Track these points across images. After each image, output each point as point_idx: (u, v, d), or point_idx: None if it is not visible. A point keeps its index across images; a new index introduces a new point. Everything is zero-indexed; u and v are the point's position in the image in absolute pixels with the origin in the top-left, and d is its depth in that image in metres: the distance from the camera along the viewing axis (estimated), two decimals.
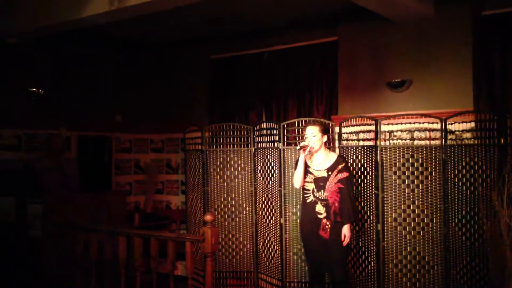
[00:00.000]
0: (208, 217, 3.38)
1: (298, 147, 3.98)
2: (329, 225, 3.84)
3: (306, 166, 3.98)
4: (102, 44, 6.74)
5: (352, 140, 4.58)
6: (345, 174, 3.87)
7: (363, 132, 4.50)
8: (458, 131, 4.25)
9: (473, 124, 4.31)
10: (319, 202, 3.88)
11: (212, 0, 4.36)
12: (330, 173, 3.88)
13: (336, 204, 3.84)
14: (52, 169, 5.69)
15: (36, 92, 6.12)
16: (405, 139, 4.39)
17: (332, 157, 3.95)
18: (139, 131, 7.21)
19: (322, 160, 3.94)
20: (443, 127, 4.15)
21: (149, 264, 3.65)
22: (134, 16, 4.50)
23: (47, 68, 6.27)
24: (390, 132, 4.48)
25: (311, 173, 3.94)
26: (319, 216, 3.87)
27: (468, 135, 4.27)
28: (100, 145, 6.81)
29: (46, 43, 5.98)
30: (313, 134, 3.91)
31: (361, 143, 4.49)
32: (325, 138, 3.96)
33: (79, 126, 6.51)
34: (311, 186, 3.93)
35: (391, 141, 4.40)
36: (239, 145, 5.10)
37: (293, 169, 4.15)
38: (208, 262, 3.35)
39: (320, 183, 3.89)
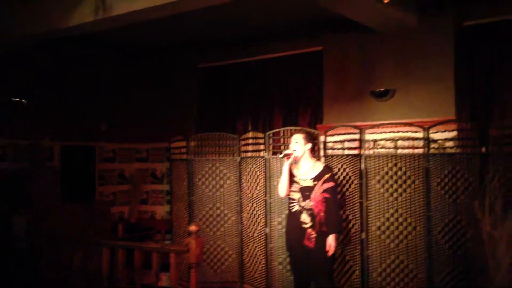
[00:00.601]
0: (192, 228, 3.37)
1: (281, 155, 4.00)
2: (314, 235, 3.84)
3: (292, 175, 3.99)
4: (87, 52, 6.70)
5: (337, 149, 4.60)
6: (331, 184, 3.88)
7: (348, 141, 4.53)
8: (441, 140, 4.31)
9: (455, 133, 4.37)
10: (304, 212, 3.89)
11: (200, 9, 4.36)
12: (316, 182, 3.89)
13: (322, 214, 3.85)
14: (37, 179, 5.62)
15: (19, 102, 6.06)
16: (389, 148, 4.44)
17: (319, 166, 3.96)
18: (123, 140, 7.16)
19: (308, 170, 3.95)
20: (426, 136, 4.20)
21: (133, 275, 3.61)
22: (120, 25, 4.49)
23: (30, 78, 6.20)
24: (374, 141, 4.53)
25: (297, 182, 3.95)
26: (305, 225, 3.87)
27: (451, 143, 4.32)
28: (83, 155, 6.73)
29: (29, 52, 5.92)
30: (295, 141, 3.94)
31: (346, 151, 4.52)
32: (309, 145, 3.97)
33: (62, 136, 6.43)
34: (296, 195, 3.94)
35: (375, 150, 4.44)
36: (224, 154, 5.11)
37: (279, 178, 4.15)
38: (192, 273, 3.33)
39: (305, 192, 3.90)
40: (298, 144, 3.93)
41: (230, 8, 5.09)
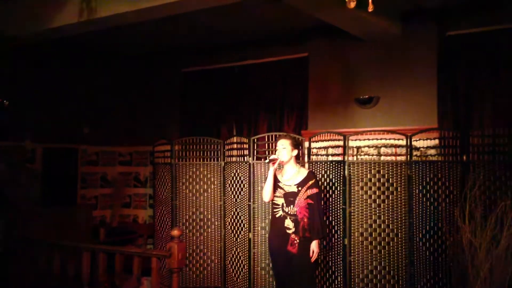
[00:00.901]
0: (175, 232, 3.34)
1: (267, 160, 4.00)
2: (298, 240, 3.84)
3: (277, 180, 3.98)
4: (70, 55, 6.63)
5: (321, 155, 4.62)
6: (315, 190, 3.88)
7: (332, 147, 4.55)
8: (423, 147, 4.35)
9: (437, 141, 4.42)
10: (288, 217, 3.89)
11: (183, 14, 4.35)
12: (300, 188, 3.89)
13: (305, 220, 3.85)
14: (17, 181, 5.53)
15: (0, 103, 5.97)
16: (372, 155, 4.47)
17: (303, 172, 3.97)
18: (106, 143, 7.09)
19: (292, 175, 3.96)
20: (408, 143, 4.24)
21: (114, 280, 3.57)
22: (104, 28, 4.46)
23: (13, 79, 6.12)
24: (358, 147, 4.56)
25: (281, 188, 3.95)
26: (288, 231, 3.87)
27: (433, 151, 4.37)
28: (65, 157, 6.65)
29: (11, 53, 5.85)
30: (283, 146, 3.93)
31: (330, 158, 4.54)
32: (295, 152, 3.98)
33: (44, 138, 6.35)
34: (280, 201, 3.94)
35: (358, 156, 4.47)
36: (209, 159, 5.09)
37: (263, 184, 4.15)
38: (174, 278, 3.30)
39: (289, 198, 3.90)
40: (285, 150, 3.93)
41: (214, 14, 5.11)
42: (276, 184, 3.97)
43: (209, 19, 5.35)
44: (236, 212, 4.89)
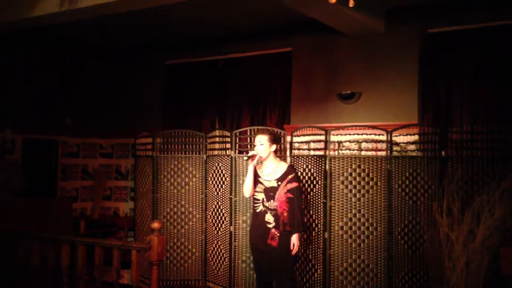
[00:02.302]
0: (155, 225, 3.34)
1: (245, 158, 4.01)
2: (278, 234, 3.87)
3: (257, 175, 4.00)
4: (52, 45, 6.54)
5: (303, 149, 4.65)
6: (294, 184, 3.91)
7: (314, 141, 4.58)
8: (403, 143, 4.41)
9: (417, 137, 4.48)
10: (268, 212, 3.91)
11: (167, 6, 4.32)
12: (280, 183, 3.91)
13: (285, 214, 3.87)
14: None
15: None
16: (354, 150, 4.51)
17: (283, 167, 3.98)
18: (88, 135, 7.02)
19: (272, 170, 3.97)
20: (389, 138, 4.29)
21: (94, 272, 3.55)
22: (86, 18, 4.40)
23: None
24: (339, 142, 4.59)
25: (261, 183, 3.96)
26: (268, 225, 3.90)
27: (412, 147, 4.43)
28: (46, 149, 6.56)
29: None
30: (260, 143, 3.94)
31: (312, 152, 4.57)
32: (274, 147, 3.99)
33: (25, 128, 6.25)
34: (261, 195, 3.95)
35: (340, 151, 4.51)
36: (191, 152, 5.07)
37: (245, 177, 4.16)
38: (154, 271, 3.30)
39: (270, 193, 3.92)
40: (263, 146, 3.93)
41: (198, 8, 5.09)
42: (256, 179, 3.98)
43: (193, 13, 5.32)
44: (217, 206, 4.90)
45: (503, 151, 3.93)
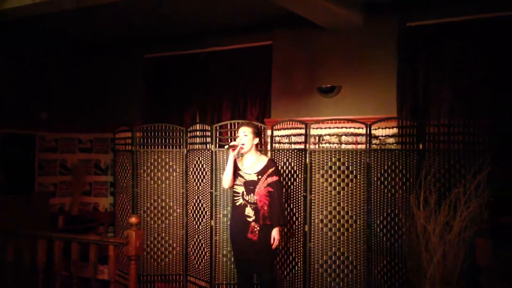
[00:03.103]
0: (133, 220, 3.31)
1: (227, 146, 3.99)
2: (258, 228, 3.87)
3: (237, 169, 3.98)
4: (29, 39, 6.41)
5: (284, 143, 4.65)
6: (275, 178, 3.90)
7: (294, 135, 4.59)
8: (382, 136, 4.44)
9: (395, 130, 4.52)
10: (248, 205, 3.90)
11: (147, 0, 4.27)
12: (260, 176, 3.90)
13: (265, 208, 3.87)
14: None
15: None
16: (334, 143, 4.53)
17: (263, 160, 3.98)
18: (66, 130, 6.92)
19: (252, 164, 3.96)
20: (368, 132, 4.31)
21: (70, 268, 3.51)
22: (60, 10, 4.32)
23: None
24: (320, 136, 4.60)
25: (242, 176, 3.95)
26: (248, 219, 3.89)
27: (391, 140, 4.46)
28: (22, 144, 6.44)
29: None
30: (244, 134, 3.92)
31: (293, 146, 4.57)
32: (256, 140, 3.98)
33: (0, 123, 6.13)
34: (240, 189, 3.94)
35: (320, 144, 4.51)
36: (171, 146, 5.04)
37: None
38: (132, 266, 3.27)
39: (250, 186, 3.91)
40: (247, 137, 3.92)
41: (179, 1, 5.04)
42: (236, 172, 3.97)
43: (173, 6, 5.26)
44: (198, 200, 4.88)
45: (479, 144, 3.98)
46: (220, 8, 5.43)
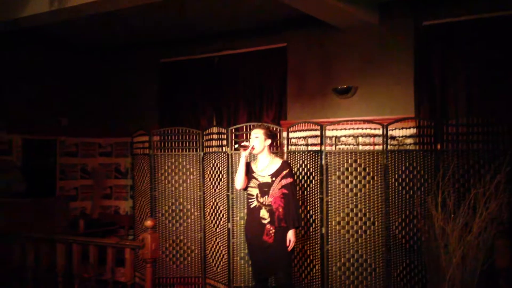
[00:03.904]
0: (148, 223, 3.34)
1: (237, 145, 4.00)
2: (273, 230, 3.86)
3: (251, 171, 3.98)
4: (47, 46, 6.54)
5: (300, 145, 4.64)
6: (289, 180, 3.89)
7: (311, 137, 4.57)
8: (399, 137, 4.38)
9: (413, 130, 4.46)
10: (263, 208, 3.89)
11: (160, 3, 4.30)
12: (274, 178, 3.89)
13: (280, 210, 3.86)
14: None
15: None
16: (351, 144, 4.49)
17: (277, 162, 3.96)
18: (86, 134, 7.04)
19: (266, 166, 3.95)
20: (385, 133, 4.26)
21: (88, 271, 3.56)
22: (77, 17, 4.40)
23: None
24: (336, 137, 4.56)
25: (256, 178, 3.95)
26: (263, 221, 3.88)
27: (410, 140, 4.40)
28: (44, 149, 6.58)
29: None
30: (255, 135, 3.93)
31: (309, 148, 4.55)
32: (269, 141, 3.97)
33: (21, 129, 6.26)
34: (255, 191, 3.94)
35: (337, 146, 4.48)
36: (187, 150, 5.08)
37: None
38: (148, 269, 3.30)
39: (264, 188, 3.90)
40: (258, 139, 3.92)
41: (194, 4, 5.07)
42: (250, 175, 3.97)
43: (187, 10, 5.30)
44: (215, 203, 4.90)
45: (498, 144, 3.89)
46: (234, 12, 5.44)
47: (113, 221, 6.72)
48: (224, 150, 4.84)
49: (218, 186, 4.86)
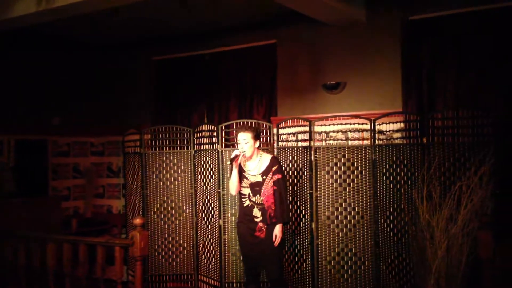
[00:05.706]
0: (137, 221, 3.37)
1: (228, 162, 4.02)
2: (265, 227, 3.90)
3: (241, 170, 4.01)
4: (38, 45, 6.53)
5: (291, 141, 4.67)
6: (278, 176, 3.92)
7: (300, 133, 4.60)
8: (387, 131, 4.42)
9: (401, 125, 4.50)
10: (255, 207, 3.93)
11: (151, 2, 4.31)
12: (264, 177, 3.92)
13: (273, 207, 3.90)
14: None
15: None
16: (340, 140, 4.52)
17: (266, 159, 3.98)
18: (78, 134, 7.04)
19: (256, 164, 3.97)
20: (372, 127, 4.30)
21: (92, 270, 3.60)
22: (65, 16, 4.41)
23: None
24: (326, 132, 4.60)
25: (247, 178, 3.97)
26: (256, 219, 3.92)
27: (398, 135, 4.44)
28: (35, 149, 6.58)
29: None
30: (245, 141, 3.90)
31: (299, 144, 4.58)
32: (258, 143, 3.99)
33: (12, 129, 6.26)
34: (247, 191, 3.96)
35: (327, 141, 4.51)
36: (179, 147, 5.10)
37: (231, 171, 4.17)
38: (138, 266, 3.34)
39: (255, 188, 3.93)
40: (247, 144, 3.91)
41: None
42: (241, 174, 4.00)
43: (178, 8, 5.31)
44: (206, 200, 4.93)
45: (483, 136, 3.94)
46: (224, 9, 5.46)
47: (106, 220, 6.74)
48: (214, 147, 4.86)
49: (209, 183, 4.90)
